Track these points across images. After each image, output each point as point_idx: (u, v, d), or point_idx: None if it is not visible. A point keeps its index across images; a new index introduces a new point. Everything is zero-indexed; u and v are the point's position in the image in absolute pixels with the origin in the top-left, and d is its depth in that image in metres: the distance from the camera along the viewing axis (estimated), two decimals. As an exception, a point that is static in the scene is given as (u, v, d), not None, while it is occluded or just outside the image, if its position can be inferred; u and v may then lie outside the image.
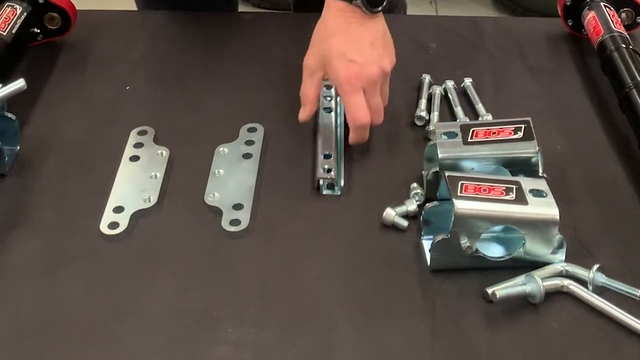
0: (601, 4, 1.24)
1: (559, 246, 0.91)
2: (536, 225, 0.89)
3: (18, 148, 1.06)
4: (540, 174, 0.96)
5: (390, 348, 0.85)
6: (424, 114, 1.12)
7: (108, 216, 0.97)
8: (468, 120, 1.11)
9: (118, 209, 0.98)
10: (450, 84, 1.17)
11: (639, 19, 1.26)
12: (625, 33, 1.19)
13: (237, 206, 0.98)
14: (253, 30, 1.31)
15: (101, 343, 0.85)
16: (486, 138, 0.97)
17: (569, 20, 1.28)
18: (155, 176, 1.02)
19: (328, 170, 1.02)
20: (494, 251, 0.92)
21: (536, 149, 0.96)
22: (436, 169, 0.97)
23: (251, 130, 1.10)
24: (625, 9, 1.25)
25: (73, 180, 1.03)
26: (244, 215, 0.97)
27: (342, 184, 1.02)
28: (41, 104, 1.15)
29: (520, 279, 0.89)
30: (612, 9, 1.23)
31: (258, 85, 1.19)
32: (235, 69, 1.22)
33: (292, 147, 1.08)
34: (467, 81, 1.18)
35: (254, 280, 0.92)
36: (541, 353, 0.85)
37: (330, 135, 1.08)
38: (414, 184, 1.01)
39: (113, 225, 0.96)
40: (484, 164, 0.97)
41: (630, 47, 1.15)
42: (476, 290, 0.89)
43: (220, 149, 1.07)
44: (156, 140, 1.08)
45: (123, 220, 0.96)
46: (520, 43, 1.29)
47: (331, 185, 1.01)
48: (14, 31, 1.17)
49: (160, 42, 1.29)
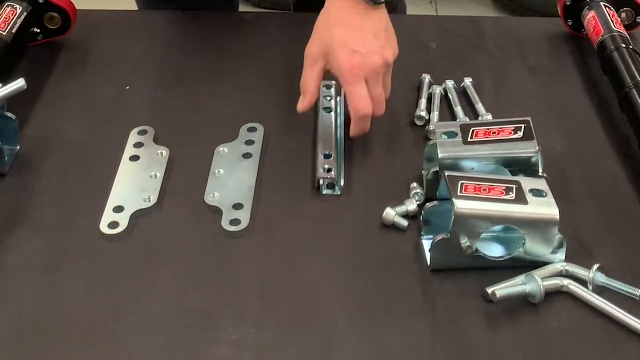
0: (601, 4, 1.24)
1: (559, 246, 0.91)
2: (536, 225, 0.89)
3: (18, 148, 1.06)
4: (540, 174, 0.96)
5: (390, 348, 0.85)
6: (424, 114, 1.12)
7: (108, 216, 0.97)
8: (468, 120, 1.11)
9: (118, 209, 0.98)
10: (450, 84, 1.17)
11: (639, 19, 1.26)
12: (625, 33, 1.19)
13: (237, 206, 0.98)
14: (253, 30, 1.31)
15: (101, 343, 0.85)
16: (486, 138, 0.97)
17: (569, 20, 1.28)
18: (156, 176, 1.02)
19: (328, 170, 1.02)
20: (494, 251, 0.91)
21: (536, 148, 0.96)
22: (436, 168, 0.97)
23: (251, 130, 1.10)
24: (625, 9, 1.25)
25: (73, 180, 1.03)
26: (244, 215, 0.97)
27: (343, 184, 1.02)
28: (41, 103, 1.15)
29: (520, 279, 0.89)
30: (612, 9, 1.23)
31: (258, 85, 1.19)
32: (235, 69, 1.22)
33: (292, 147, 1.08)
34: (467, 81, 1.18)
35: (254, 280, 0.92)
36: (541, 353, 0.85)
37: (330, 135, 1.07)
38: (414, 184, 1.01)
39: (113, 225, 0.96)
40: (484, 163, 0.97)
41: (631, 47, 1.15)
42: (476, 290, 0.89)
43: (221, 148, 1.07)
44: (156, 140, 1.08)
45: (123, 220, 0.96)
46: (520, 43, 1.29)
47: (331, 185, 1.01)
48: (14, 31, 1.17)
49: (161, 42, 1.29)
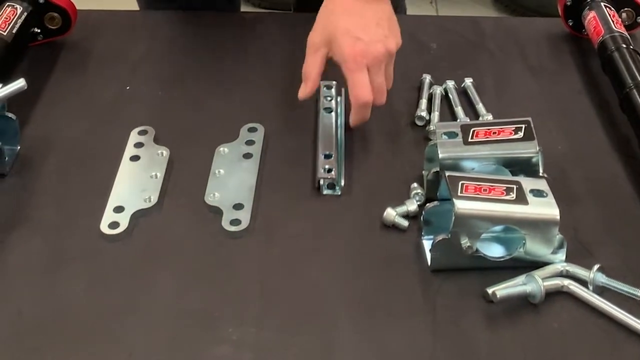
0: (602, 4, 1.24)
1: (560, 246, 0.91)
2: (536, 225, 0.89)
3: (18, 148, 1.06)
4: (540, 174, 0.96)
5: (390, 348, 0.85)
6: (424, 114, 1.12)
7: (108, 216, 0.97)
8: (468, 120, 1.11)
9: (118, 209, 0.98)
10: (450, 84, 1.17)
11: (639, 19, 1.26)
12: (625, 33, 1.19)
13: (238, 206, 0.98)
14: (253, 30, 1.31)
15: (101, 343, 0.85)
16: (487, 138, 0.97)
17: (569, 20, 1.28)
18: (156, 176, 1.02)
19: (329, 170, 1.02)
20: (495, 251, 0.91)
21: (537, 149, 0.96)
22: (437, 169, 0.97)
23: (251, 130, 1.10)
24: (625, 9, 1.25)
25: (73, 180, 1.03)
26: (245, 215, 0.97)
27: (343, 184, 1.02)
28: (41, 103, 1.15)
29: (520, 279, 0.89)
30: (613, 9, 1.23)
31: (258, 85, 1.19)
32: (235, 69, 1.22)
33: (293, 147, 1.08)
34: (468, 81, 1.18)
35: (254, 280, 0.91)
36: (541, 353, 0.85)
37: (330, 135, 1.07)
38: (415, 184, 1.01)
39: (113, 225, 0.96)
40: (484, 164, 0.97)
41: (631, 47, 1.15)
42: (476, 290, 0.89)
43: (221, 148, 1.07)
44: (156, 140, 1.08)
45: (123, 220, 0.96)
46: (520, 43, 1.29)
47: (332, 185, 1.01)
48: (14, 31, 1.17)
49: (161, 42, 1.29)
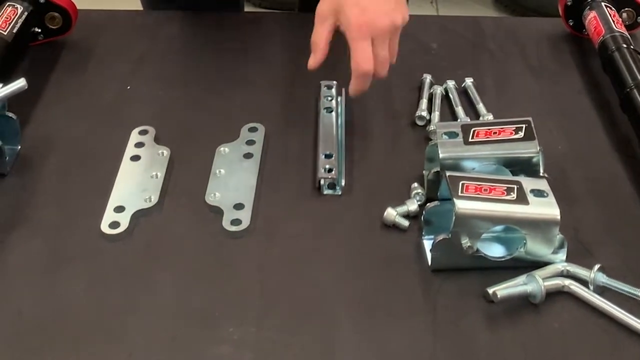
0: (602, 4, 1.24)
1: (560, 246, 0.91)
2: (537, 225, 0.89)
3: (19, 147, 1.06)
4: (541, 174, 0.96)
5: (390, 348, 0.85)
6: (424, 114, 1.12)
7: (109, 216, 0.97)
8: (469, 120, 1.11)
9: (119, 209, 0.98)
10: (451, 83, 1.17)
11: (639, 19, 1.26)
12: (626, 33, 1.19)
13: (238, 206, 0.98)
14: (254, 30, 1.31)
15: (101, 343, 0.85)
16: (487, 138, 0.97)
17: (570, 20, 1.28)
18: (156, 176, 1.02)
19: (329, 170, 1.02)
20: (495, 251, 0.91)
21: (537, 149, 0.96)
22: (437, 168, 0.97)
23: (252, 130, 1.10)
24: (626, 8, 1.26)
25: (74, 179, 1.03)
26: (245, 215, 0.97)
27: (343, 183, 1.02)
28: (42, 103, 1.15)
29: (521, 279, 0.89)
30: (613, 9, 1.23)
31: (259, 85, 1.19)
32: (236, 69, 1.22)
33: (293, 147, 1.08)
34: (468, 81, 1.18)
35: (254, 279, 0.91)
36: (542, 353, 0.85)
37: (331, 135, 1.07)
38: (415, 184, 1.01)
39: (114, 224, 0.96)
40: (484, 163, 0.97)
41: (632, 47, 1.15)
42: (477, 290, 0.89)
43: (221, 148, 1.07)
44: (157, 140, 1.08)
45: (124, 219, 0.96)
46: (521, 43, 1.29)
47: (332, 185, 1.01)
48: (15, 31, 1.17)
49: (161, 42, 1.29)
